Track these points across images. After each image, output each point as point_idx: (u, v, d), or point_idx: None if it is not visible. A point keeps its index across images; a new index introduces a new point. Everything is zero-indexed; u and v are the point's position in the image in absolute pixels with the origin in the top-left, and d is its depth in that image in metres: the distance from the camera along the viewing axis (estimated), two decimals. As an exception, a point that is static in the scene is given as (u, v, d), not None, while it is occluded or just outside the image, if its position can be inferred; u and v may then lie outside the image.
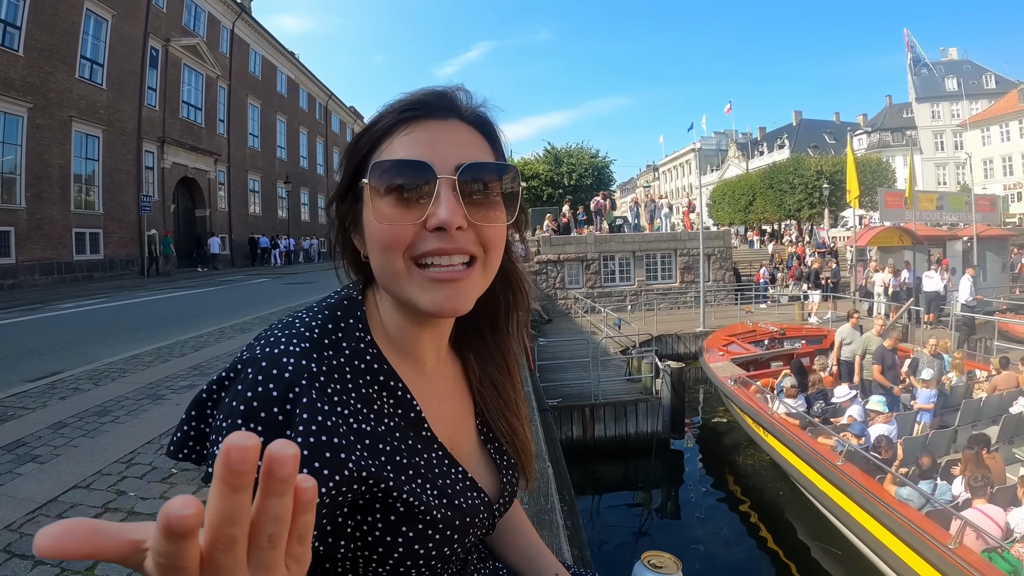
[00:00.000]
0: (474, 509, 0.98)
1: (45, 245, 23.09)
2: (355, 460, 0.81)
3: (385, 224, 0.85)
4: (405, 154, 0.86)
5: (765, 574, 8.76)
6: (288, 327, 0.88)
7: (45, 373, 7.55)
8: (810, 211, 49.65)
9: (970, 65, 70.37)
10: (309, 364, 0.82)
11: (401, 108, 0.90)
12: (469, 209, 0.86)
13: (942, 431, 9.06)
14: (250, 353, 0.83)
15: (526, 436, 1.14)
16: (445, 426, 1.01)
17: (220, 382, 0.84)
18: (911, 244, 22.38)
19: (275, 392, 0.78)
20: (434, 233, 0.84)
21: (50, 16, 23.11)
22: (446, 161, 0.86)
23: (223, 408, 0.80)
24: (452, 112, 0.92)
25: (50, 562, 3.06)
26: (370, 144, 0.91)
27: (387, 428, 0.90)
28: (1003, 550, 5.52)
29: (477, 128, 0.94)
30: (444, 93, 0.93)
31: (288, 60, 47.78)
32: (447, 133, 0.90)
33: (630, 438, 12.56)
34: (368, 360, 0.91)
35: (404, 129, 0.88)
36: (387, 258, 0.87)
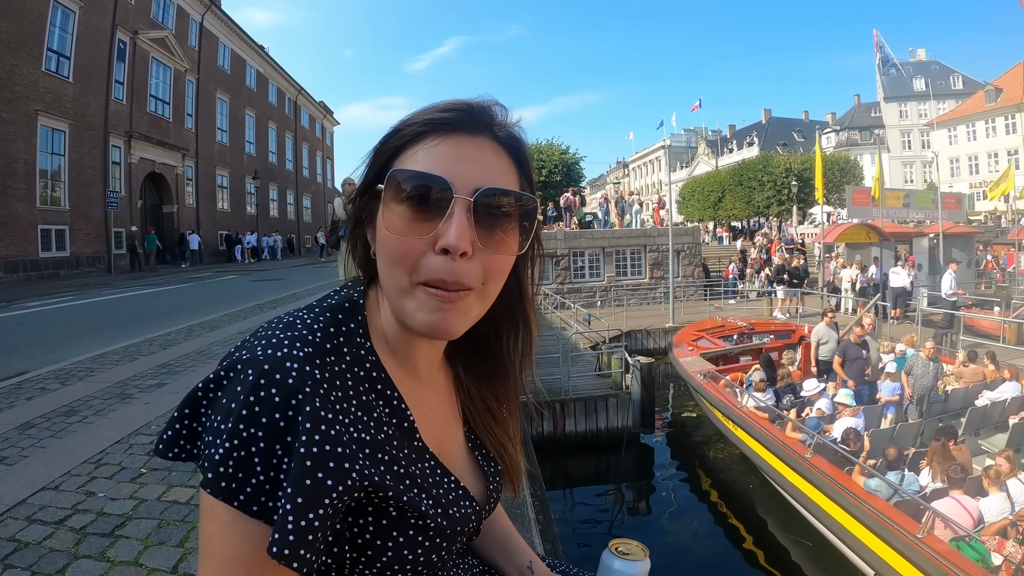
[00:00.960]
0: (466, 518, 0.98)
1: (10, 242, 22.72)
2: (358, 470, 0.80)
3: (395, 234, 0.83)
4: (427, 166, 0.84)
5: (736, 566, 8.83)
6: (290, 328, 0.85)
7: (11, 373, 7.45)
8: (779, 208, 50.17)
9: (938, 66, 71.40)
10: (313, 370, 0.80)
11: (431, 118, 0.87)
12: (480, 233, 0.83)
13: (909, 424, 9.21)
14: (250, 353, 0.81)
15: (516, 454, 1.15)
16: (435, 432, 1.01)
17: (217, 380, 0.82)
18: (878, 241, 22.67)
19: (277, 398, 0.77)
20: (439, 255, 0.82)
21: (16, 7, 22.75)
22: (467, 181, 0.83)
23: (220, 409, 0.79)
24: (483, 129, 0.89)
25: (20, 564, 3.03)
26: (396, 148, 0.88)
27: (385, 436, 0.89)
28: (971, 539, 5.63)
29: (507, 149, 0.91)
30: (478, 108, 0.90)
31: (257, 54, 47.38)
32: (474, 151, 0.87)
33: (600, 433, 12.60)
34: (367, 368, 0.90)
35: (431, 139, 0.86)
36: (392, 271, 0.85)
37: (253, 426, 0.75)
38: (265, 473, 0.76)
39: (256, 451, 0.75)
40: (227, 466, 0.75)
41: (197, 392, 0.83)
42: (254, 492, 0.75)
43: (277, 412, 0.76)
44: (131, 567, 3.01)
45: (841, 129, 75.50)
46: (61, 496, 3.87)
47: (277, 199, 51.61)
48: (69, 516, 3.57)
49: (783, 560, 8.54)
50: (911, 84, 68.69)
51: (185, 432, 0.84)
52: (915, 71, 69.92)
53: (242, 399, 0.77)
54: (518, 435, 1.16)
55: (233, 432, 0.75)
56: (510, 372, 1.10)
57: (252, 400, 0.76)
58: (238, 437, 0.75)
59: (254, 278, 24.05)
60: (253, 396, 0.76)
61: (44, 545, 3.22)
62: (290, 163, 54.56)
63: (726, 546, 9.40)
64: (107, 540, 3.27)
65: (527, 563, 1.26)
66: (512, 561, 1.27)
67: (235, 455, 0.75)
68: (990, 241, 33.06)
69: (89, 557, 3.10)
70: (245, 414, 0.76)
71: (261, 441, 0.76)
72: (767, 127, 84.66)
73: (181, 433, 0.84)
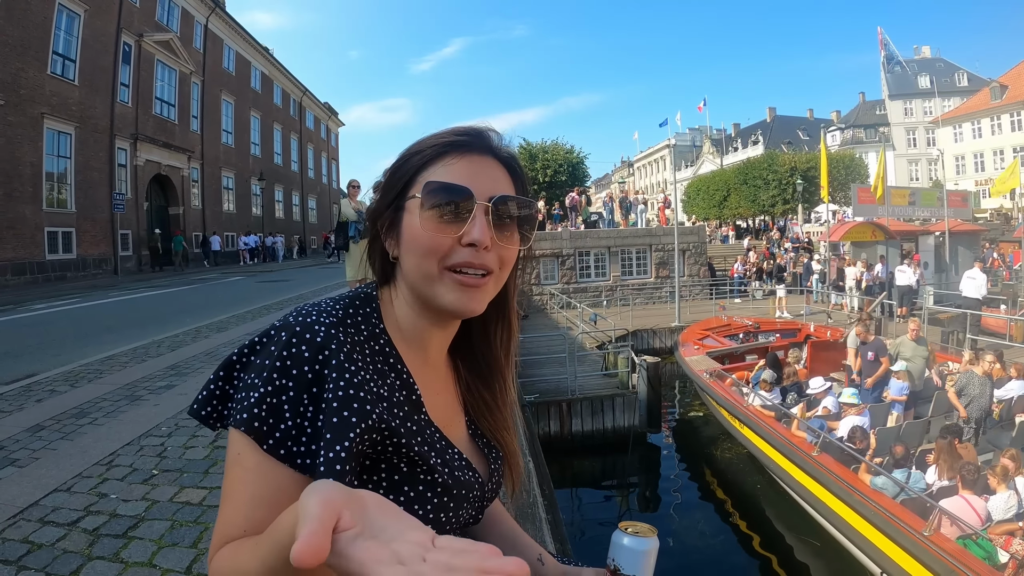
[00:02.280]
0: (470, 484, 1.08)
1: (17, 245, 22.78)
2: (378, 413, 0.92)
3: (428, 233, 0.97)
4: (452, 179, 1.00)
5: (743, 565, 8.84)
6: (316, 306, 0.98)
7: (20, 375, 7.49)
8: (784, 207, 50.00)
9: (943, 63, 71.01)
10: (337, 333, 0.93)
11: (448, 141, 1.04)
12: (495, 232, 1.00)
13: (916, 422, 9.20)
14: (283, 322, 0.94)
15: (513, 444, 1.25)
16: (440, 414, 1.10)
17: (252, 346, 0.95)
18: (884, 239, 22.64)
19: (307, 352, 0.89)
20: (466, 248, 0.98)
21: (22, 11, 22.79)
22: (483, 190, 1.00)
23: (254, 368, 0.91)
24: (488, 150, 1.06)
25: (34, 566, 3.06)
26: (419, 165, 1.04)
27: (398, 401, 1.00)
28: (978, 536, 5.63)
29: (505, 166, 1.08)
30: (481, 133, 1.07)
31: (262, 56, 47.41)
32: (484, 167, 1.04)
33: (607, 433, 12.63)
34: (381, 344, 1.03)
35: (450, 158, 1.02)
36: (424, 262, 0.99)
37: (285, 377, 0.87)
38: (293, 419, 0.87)
39: (287, 399, 0.87)
40: (261, 409, 0.86)
41: (232, 357, 0.97)
42: (283, 437, 0.86)
43: (306, 365, 0.88)
44: (145, 568, 3.03)
45: (846, 127, 75.22)
46: (73, 498, 3.89)
47: (283, 200, 51.64)
48: (82, 518, 3.60)
49: (790, 559, 8.54)
50: (916, 81, 68.43)
51: (219, 393, 0.97)
52: (920, 68, 69.66)
53: (275, 353, 0.89)
54: (513, 427, 1.27)
55: (267, 380, 0.87)
56: (498, 365, 1.23)
57: (285, 354, 0.89)
58: (272, 385, 0.87)
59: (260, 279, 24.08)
60: (286, 351, 0.89)
61: (57, 547, 3.25)
62: (295, 164, 54.60)
63: (733, 545, 9.40)
64: (120, 541, 3.29)
65: (537, 555, 1.29)
66: (521, 554, 1.25)
67: (268, 400, 0.86)
68: (996, 239, 32.96)
69: (103, 558, 3.12)
70: (279, 365, 0.88)
71: (291, 391, 0.87)
72: (772, 125, 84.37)
73: (215, 394, 0.97)
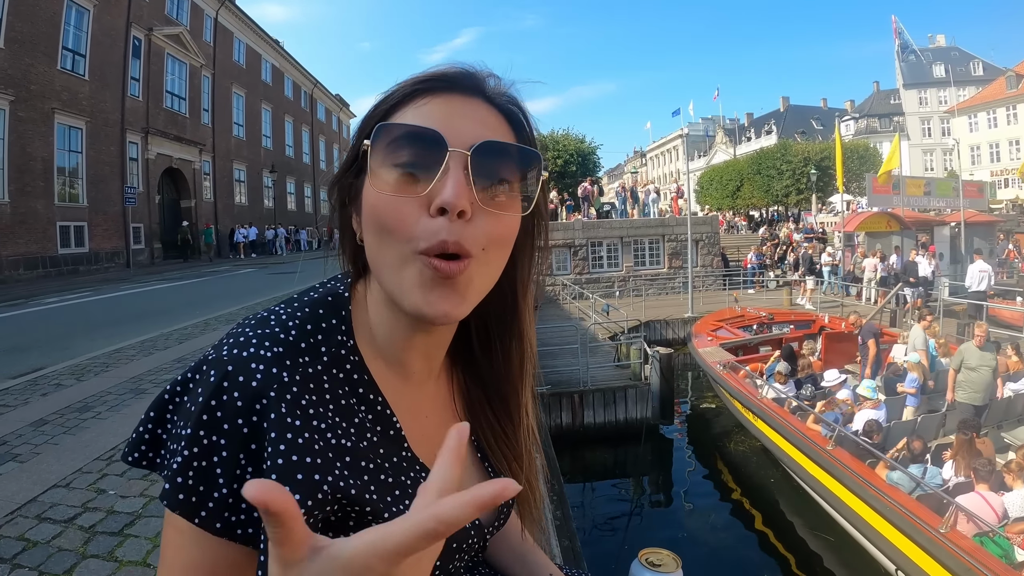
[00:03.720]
0: (463, 535, 0.89)
1: (29, 239, 22.85)
2: (331, 481, 0.73)
3: (383, 197, 0.74)
4: (418, 121, 0.75)
5: (756, 560, 8.76)
6: (262, 325, 0.78)
7: (28, 369, 7.48)
8: (797, 197, 49.80)
9: (957, 52, 70.51)
10: (280, 373, 0.74)
11: (421, 78, 0.80)
12: (480, 193, 0.74)
13: (931, 415, 9.08)
14: (216, 353, 0.75)
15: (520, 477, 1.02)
16: (429, 446, 0.90)
17: (184, 383, 0.76)
18: (899, 229, 22.45)
19: (240, 403, 0.70)
20: (437, 220, 0.72)
21: (31, 7, 22.79)
22: (462, 136, 0.75)
23: (183, 413, 0.73)
24: (477, 91, 0.81)
25: (28, 564, 3.00)
26: (382, 113, 0.80)
27: (370, 444, 0.81)
28: (995, 534, 5.53)
29: (503, 113, 0.83)
30: (470, 70, 0.83)
31: (273, 48, 47.43)
32: (467, 108, 0.79)
33: (619, 424, 12.56)
34: (348, 369, 0.82)
35: (421, 99, 0.78)
36: (382, 242, 0.76)
37: (214, 433, 0.70)
38: (228, 486, 0.69)
39: (218, 460, 0.69)
40: (187, 477, 0.69)
41: (164, 395, 0.78)
42: (216, 507, 0.69)
43: (240, 418, 0.70)
44: (139, 567, 2.98)
45: (860, 117, 74.88)
46: (72, 494, 3.85)
47: (295, 192, 51.73)
48: (79, 514, 3.55)
49: (804, 554, 8.46)
50: (930, 70, 67.93)
51: (148, 437, 0.78)
52: (934, 57, 69.16)
53: (201, 402, 0.71)
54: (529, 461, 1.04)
55: (193, 439, 0.70)
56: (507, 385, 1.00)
57: (213, 404, 0.70)
58: (198, 445, 0.69)
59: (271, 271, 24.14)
60: (214, 400, 0.71)
61: (52, 544, 3.20)
62: (307, 156, 54.61)
63: (746, 539, 9.32)
64: (116, 539, 3.24)
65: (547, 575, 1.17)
66: (530, 572, 1.17)
67: (195, 464, 0.69)
68: (1012, 230, 32.66)
69: (97, 556, 3.07)
70: (206, 419, 0.70)
71: (224, 450, 0.69)
72: (785, 115, 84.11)
73: (144, 438, 0.78)
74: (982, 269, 16.76)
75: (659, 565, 1.13)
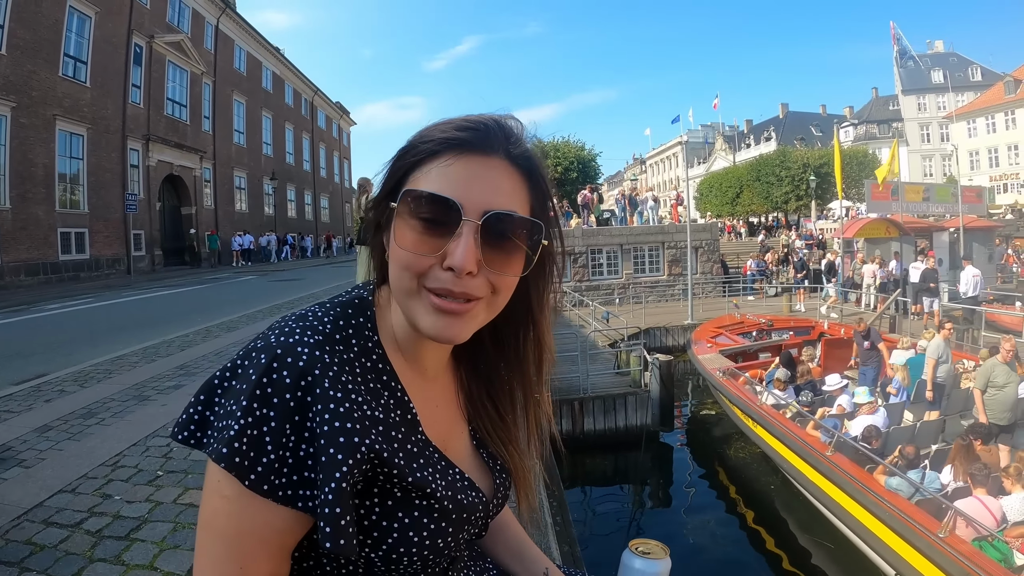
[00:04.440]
0: (472, 506, 1.00)
1: (30, 245, 22.94)
2: (368, 444, 0.83)
3: (404, 251, 0.86)
4: (438, 187, 0.85)
5: (756, 567, 8.77)
6: (301, 319, 0.89)
7: (31, 375, 7.51)
8: (797, 203, 49.84)
9: (956, 58, 70.65)
10: (322, 355, 0.84)
11: (446, 137, 0.89)
12: (487, 254, 0.86)
13: (930, 421, 9.11)
14: (264, 342, 0.85)
15: (521, 460, 1.15)
16: (439, 430, 1.02)
17: (233, 369, 0.85)
18: (898, 235, 22.48)
19: (288, 379, 0.80)
20: (446, 273, 0.85)
21: (33, 13, 22.92)
22: (476, 203, 0.85)
23: (233, 393, 0.82)
24: (497, 149, 0.90)
25: (36, 568, 3.04)
26: (411, 164, 0.90)
27: (393, 422, 0.91)
28: (993, 538, 5.55)
29: (519, 168, 0.92)
30: (493, 126, 0.92)
31: (273, 56, 47.56)
32: (486, 172, 0.88)
33: (619, 431, 12.56)
34: (374, 360, 0.93)
35: (445, 158, 0.87)
36: (402, 275, 0.87)
37: (266, 406, 0.79)
38: (276, 452, 0.79)
39: (268, 431, 0.79)
40: (241, 443, 0.78)
41: (214, 380, 0.87)
42: (264, 471, 0.79)
43: (288, 392, 0.80)
44: (146, 571, 3.01)
45: (859, 123, 74.98)
46: (78, 499, 3.88)
47: (295, 199, 51.81)
48: (85, 519, 3.58)
49: (804, 560, 8.46)
50: (929, 76, 68.08)
51: (197, 418, 0.86)
52: (933, 63, 69.33)
53: (254, 380, 0.80)
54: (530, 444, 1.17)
55: (247, 411, 0.79)
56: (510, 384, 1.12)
57: (265, 382, 0.80)
58: (252, 415, 0.79)
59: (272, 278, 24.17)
60: (266, 378, 0.80)
61: (60, 548, 3.23)
62: (307, 164, 54.75)
63: (746, 545, 9.33)
64: (123, 543, 3.27)
65: (543, 570, 1.25)
66: (527, 568, 1.26)
67: (248, 433, 0.78)
68: (1011, 235, 32.70)
69: (104, 560, 3.10)
70: (259, 394, 0.79)
71: (273, 421, 0.79)
72: (784, 121, 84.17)
73: (193, 418, 0.86)
74: (975, 274, 16.86)
75: (648, 553, 1.17)
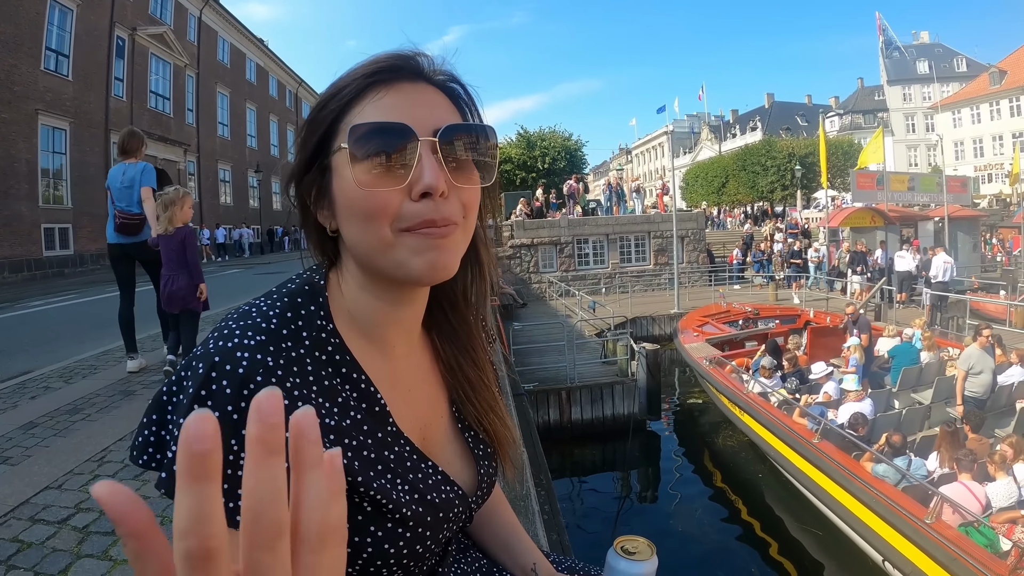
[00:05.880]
0: (448, 504, 0.95)
1: (14, 242, 22.69)
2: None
3: (367, 191, 0.80)
4: (382, 117, 0.82)
5: (744, 554, 8.81)
6: (244, 317, 0.83)
7: (15, 373, 7.44)
8: (782, 193, 50.02)
9: (941, 48, 70.87)
10: (265, 358, 0.78)
11: (369, 72, 0.85)
12: (451, 171, 0.83)
13: (915, 408, 9.17)
14: (203, 348, 0.79)
15: (499, 420, 1.10)
16: (415, 417, 0.97)
17: (178, 381, 0.80)
18: (883, 224, 22.61)
19: (228, 389, 0.74)
20: (419, 201, 0.81)
21: (14, 7, 22.61)
22: (424, 124, 0.82)
23: (179, 409, 0.77)
24: (420, 75, 0.88)
25: (23, 565, 3.02)
26: (338, 110, 0.85)
27: (353, 421, 0.86)
28: (979, 524, 5.60)
29: (443, 88, 0.90)
30: (409, 55, 0.88)
31: (257, 47, 47.23)
32: (418, 95, 0.86)
33: (607, 420, 12.62)
34: (329, 351, 0.87)
35: (375, 93, 0.84)
36: (371, 228, 0.82)
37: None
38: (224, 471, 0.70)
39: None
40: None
41: (162, 395, 0.82)
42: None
43: (230, 404, 0.74)
44: (133, 566, 2.99)
45: (844, 113, 75.25)
46: (64, 495, 3.85)
47: (280, 192, 51.58)
48: (72, 515, 3.56)
49: (791, 547, 8.52)
50: (914, 67, 68.29)
51: (154, 439, 0.82)
52: (918, 54, 69.51)
53: (192, 394, 0.75)
54: (493, 393, 1.11)
55: None
56: (469, 314, 1.09)
57: (203, 394, 0.74)
58: None
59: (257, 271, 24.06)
60: (204, 390, 0.74)
61: (47, 545, 3.21)
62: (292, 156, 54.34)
63: (734, 533, 9.37)
64: (109, 539, 3.25)
65: (531, 564, 1.22)
66: (515, 560, 1.22)
67: None
68: (995, 224, 32.93)
69: (92, 556, 3.09)
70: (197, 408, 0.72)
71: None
72: (770, 111, 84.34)
73: (150, 440, 0.82)
74: (945, 261, 17.10)
75: (635, 552, 1.15)
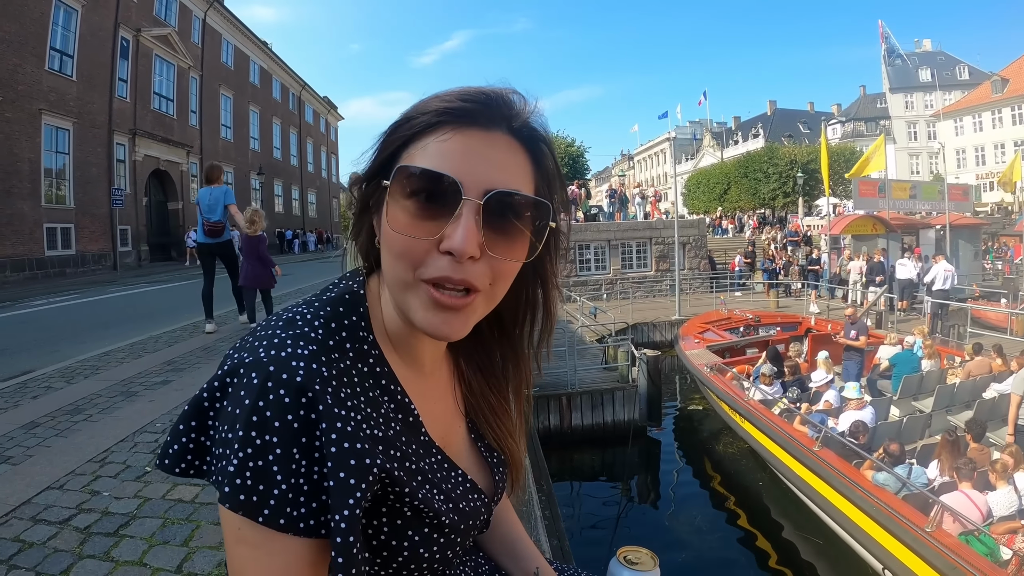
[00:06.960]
0: (475, 511, 0.97)
1: (16, 241, 22.76)
2: (379, 463, 0.78)
3: (399, 234, 0.79)
4: (436, 163, 0.78)
5: (743, 561, 8.80)
6: (290, 326, 0.81)
7: (17, 372, 7.44)
8: (784, 200, 50.01)
9: (944, 56, 70.96)
10: (320, 368, 0.76)
11: (444, 107, 0.81)
12: (489, 237, 0.79)
13: (916, 416, 9.16)
14: (252, 355, 0.76)
15: (517, 450, 1.12)
16: (439, 426, 0.98)
17: (222, 387, 0.77)
18: (884, 232, 22.59)
19: (287, 399, 0.72)
20: (444, 258, 0.77)
21: (19, 6, 22.73)
22: (477, 181, 0.78)
23: (226, 418, 0.75)
24: (499, 123, 0.83)
25: (24, 565, 3.02)
26: (405, 139, 0.83)
27: (394, 432, 0.85)
28: (980, 533, 5.59)
29: (523, 144, 0.85)
30: (495, 98, 0.84)
31: (261, 50, 47.36)
32: (487, 148, 0.81)
33: (607, 426, 12.58)
34: (371, 363, 0.86)
35: (443, 132, 0.80)
36: (398, 265, 0.80)
37: (267, 432, 0.71)
38: (287, 481, 0.72)
39: (274, 459, 0.71)
40: (244, 478, 0.71)
41: (202, 402, 0.79)
42: (278, 504, 0.72)
43: (290, 414, 0.72)
44: (135, 567, 2.99)
45: (847, 120, 75.20)
46: (66, 495, 3.85)
47: (282, 195, 51.67)
48: (74, 516, 3.56)
49: (791, 555, 8.50)
50: (917, 75, 68.39)
51: (192, 446, 0.80)
52: (921, 62, 69.64)
53: (249, 404, 0.72)
54: (520, 432, 1.13)
55: (245, 440, 0.71)
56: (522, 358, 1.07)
57: (261, 405, 0.72)
58: (251, 445, 0.71)
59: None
60: (262, 400, 0.72)
61: (48, 545, 3.21)
62: (295, 159, 54.60)
63: (733, 541, 9.35)
64: (111, 540, 3.25)
65: (534, 569, 1.22)
66: (518, 565, 1.23)
67: (251, 465, 0.71)
68: (997, 232, 32.92)
69: (93, 557, 3.08)
70: (256, 420, 0.72)
71: (278, 447, 0.72)
72: (772, 119, 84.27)
73: (188, 447, 0.80)
74: (946, 269, 17.03)
75: (637, 563, 1.15)
